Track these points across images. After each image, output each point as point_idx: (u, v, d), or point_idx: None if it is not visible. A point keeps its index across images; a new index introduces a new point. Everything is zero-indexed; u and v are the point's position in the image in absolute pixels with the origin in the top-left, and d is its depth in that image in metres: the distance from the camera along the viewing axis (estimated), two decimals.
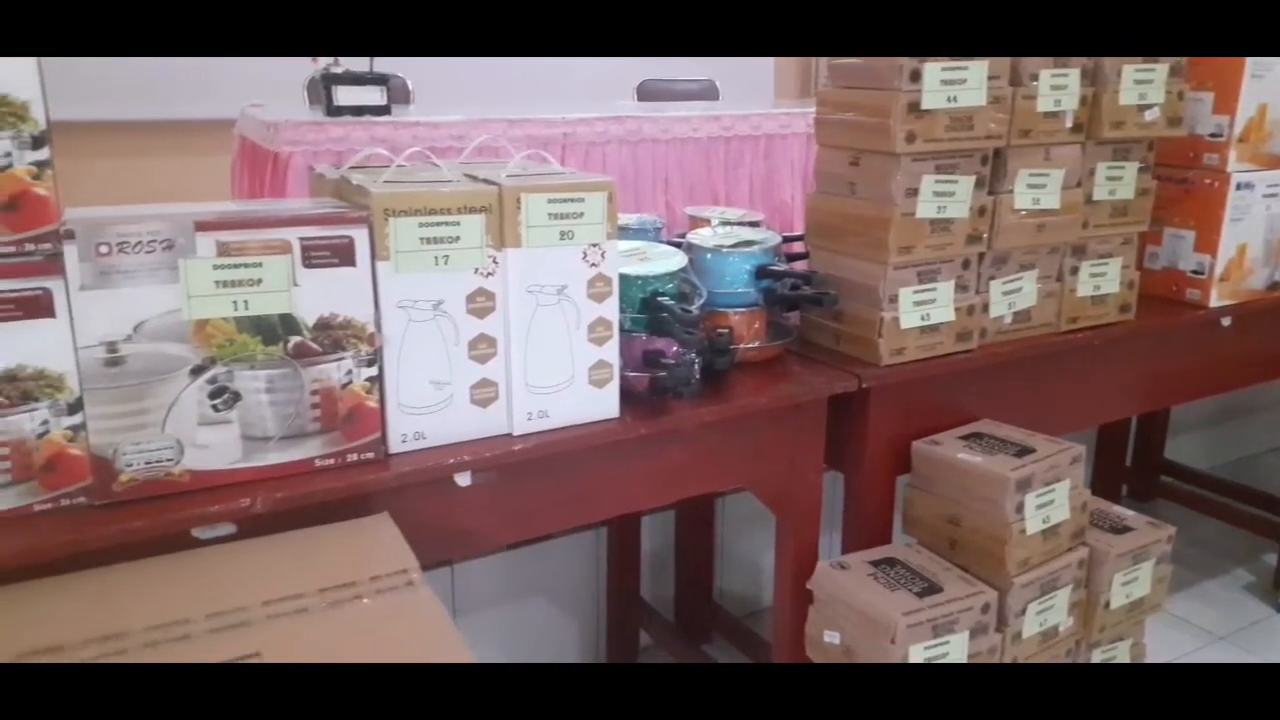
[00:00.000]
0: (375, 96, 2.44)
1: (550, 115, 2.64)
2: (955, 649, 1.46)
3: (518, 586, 2.11)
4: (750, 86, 4.61)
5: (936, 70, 1.51)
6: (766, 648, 2.03)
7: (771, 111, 2.89)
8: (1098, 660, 1.74)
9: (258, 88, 3.09)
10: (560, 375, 1.32)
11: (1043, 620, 1.59)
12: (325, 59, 2.47)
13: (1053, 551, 1.60)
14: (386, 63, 2.51)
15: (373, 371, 1.20)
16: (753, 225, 1.80)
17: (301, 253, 1.13)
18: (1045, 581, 1.58)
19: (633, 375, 1.40)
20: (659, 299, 1.43)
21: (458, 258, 1.22)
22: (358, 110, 2.40)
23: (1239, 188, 1.95)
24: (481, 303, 1.25)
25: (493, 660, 2.04)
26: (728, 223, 1.80)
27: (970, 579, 1.52)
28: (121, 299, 1.06)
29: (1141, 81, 1.75)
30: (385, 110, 2.47)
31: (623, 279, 1.36)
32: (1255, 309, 2.05)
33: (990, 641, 1.51)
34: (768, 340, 1.62)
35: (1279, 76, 1.95)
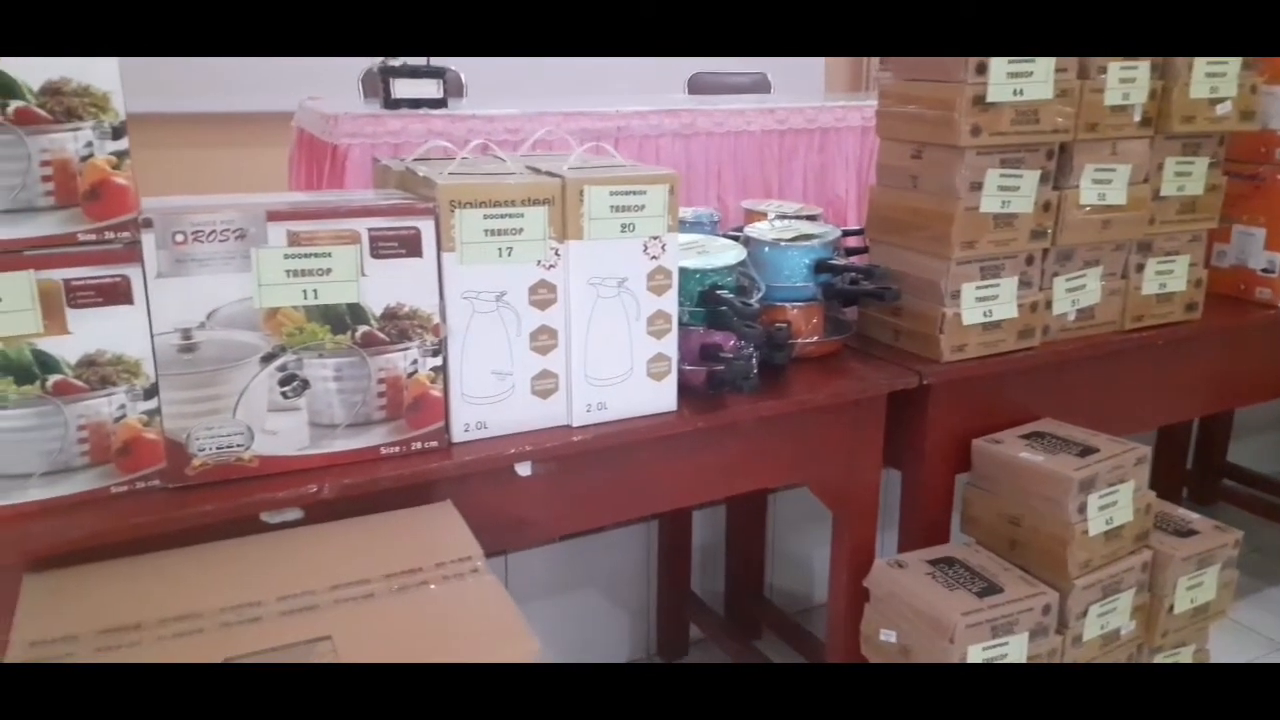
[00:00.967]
0: (432, 90, 2.45)
1: (604, 108, 2.64)
2: (1014, 650, 1.45)
3: (570, 577, 2.12)
4: (801, 79, 4.56)
5: (1003, 63, 1.49)
6: (819, 645, 2.02)
7: (826, 104, 2.86)
8: None
9: (313, 80, 3.13)
10: (619, 367, 1.32)
11: (1104, 623, 1.57)
12: None
13: (1115, 553, 1.57)
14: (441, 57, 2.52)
15: (437, 361, 1.21)
16: (810, 219, 1.79)
17: (370, 243, 1.14)
18: (1107, 584, 1.55)
19: (689, 369, 1.40)
20: (718, 292, 1.43)
21: (521, 249, 1.23)
22: (415, 103, 2.42)
23: None
24: (543, 294, 1.25)
25: (544, 651, 2.05)
26: (784, 216, 1.79)
27: (1031, 579, 1.50)
28: (195, 287, 1.08)
29: (1213, 75, 1.70)
30: (441, 103, 2.48)
31: (681, 272, 1.36)
32: None
33: (1050, 644, 1.49)
34: (826, 335, 1.61)
35: None
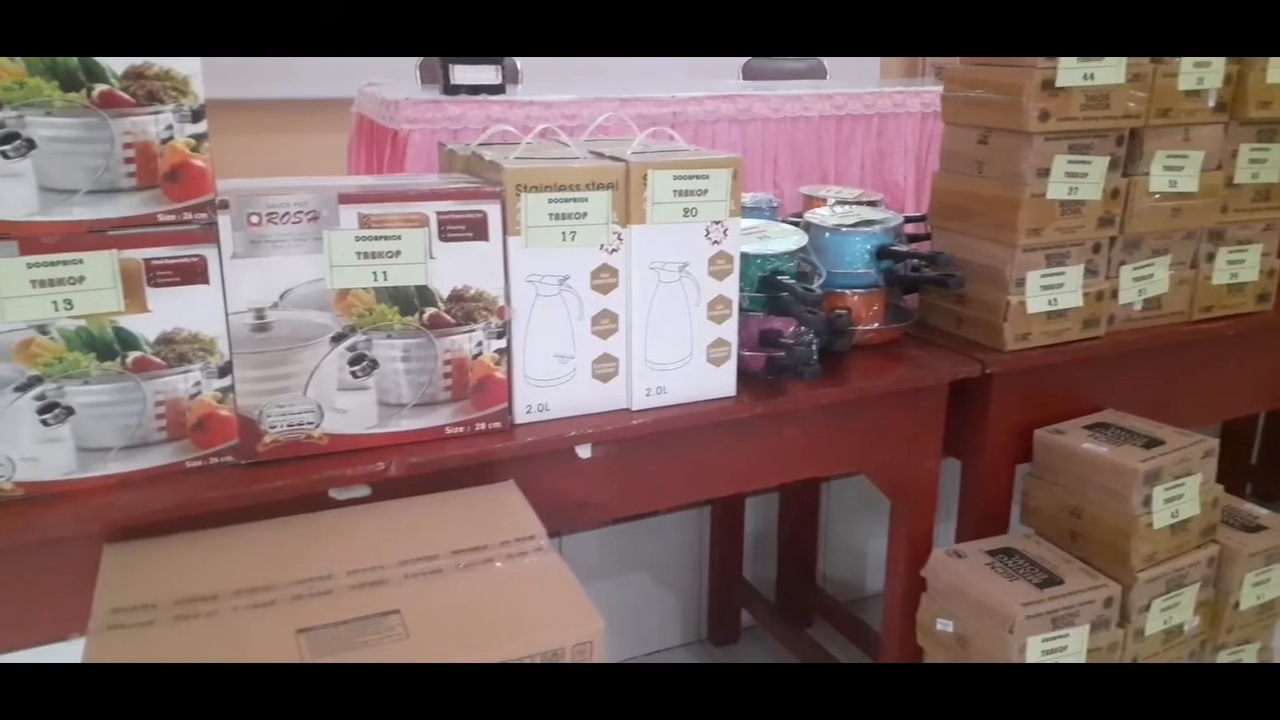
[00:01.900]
0: (490, 75, 2.48)
1: (660, 94, 2.64)
2: (1075, 642, 1.43)
3: (623, 561, 2.14)
4: (857, 65, 4.51)
5: None
6: (872, 634, 2.01)
7: (885, 90, 2.82)
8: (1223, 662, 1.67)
9: (370, 67, 3.17)
10: (679, 352, 1.33)
11: (1167, 618, 1.54)
12: None
13: (1181, 547, 1.54)
14: None
15: (502, 344, 1.22)
16: (871, 205, 1.77)
17: (438, 226, 1.16)
18: (1171, 578, 1.53)
19: (749, 354, 1.39)
20: (779, 278, 1.42)
21: (584, 234, 1.23)
22: (473, 89, 2.45)
23: None
24: (605, 279, 1.26)
25: None
26: (844, 202, 1.78)
27: (1092, 572, 1.48)
28: (269, 267, 1.11)
29: None
30: (500, 89, 2.51)
31: (742, 257, 1.35)
32: None
33: (1112, 637, 1.47)
34: (886, 323, 1.60)
35: None
